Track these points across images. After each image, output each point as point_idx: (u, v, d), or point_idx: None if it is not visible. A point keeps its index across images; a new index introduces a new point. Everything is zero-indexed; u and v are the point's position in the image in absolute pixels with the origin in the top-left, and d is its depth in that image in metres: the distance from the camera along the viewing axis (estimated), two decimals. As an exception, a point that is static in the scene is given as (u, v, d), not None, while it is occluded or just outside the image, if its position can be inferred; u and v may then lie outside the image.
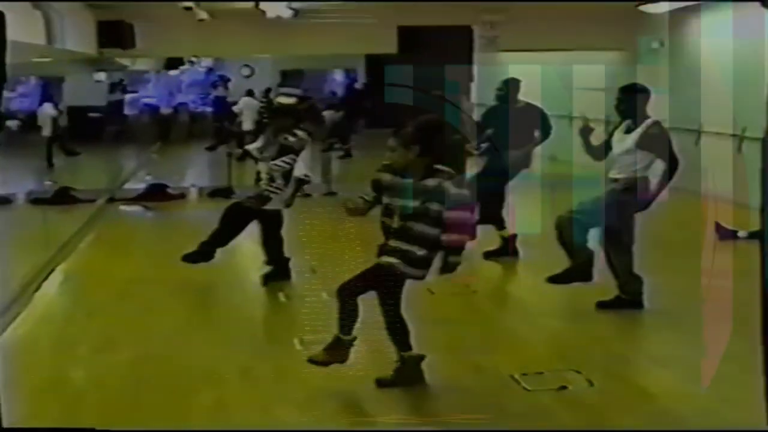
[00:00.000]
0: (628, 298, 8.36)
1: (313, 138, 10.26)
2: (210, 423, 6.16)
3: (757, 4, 3.68)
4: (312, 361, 6.57)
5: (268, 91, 25.44)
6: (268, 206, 9.67)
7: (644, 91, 8.34)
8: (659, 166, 8.23)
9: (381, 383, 6.51)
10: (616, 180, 8.28)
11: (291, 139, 9.60)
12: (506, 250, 10.83)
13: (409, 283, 6.50)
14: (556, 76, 16.88)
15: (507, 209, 10.95)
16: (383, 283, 6.38)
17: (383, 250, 6.37)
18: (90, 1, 15.42)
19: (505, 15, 16.99)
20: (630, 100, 8.24)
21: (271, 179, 9.58)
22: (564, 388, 6.60)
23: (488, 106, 11.66)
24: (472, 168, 10.61)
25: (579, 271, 8.37)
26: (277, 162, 9.53)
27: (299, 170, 9.74)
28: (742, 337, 6.33)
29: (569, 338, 8.02)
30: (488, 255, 10.79)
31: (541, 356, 7.48)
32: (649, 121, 8.21)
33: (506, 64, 20.39)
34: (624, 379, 6.88)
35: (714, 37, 14.75)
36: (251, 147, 10.17)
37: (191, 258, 9.86)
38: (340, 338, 6.50)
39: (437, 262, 6.45)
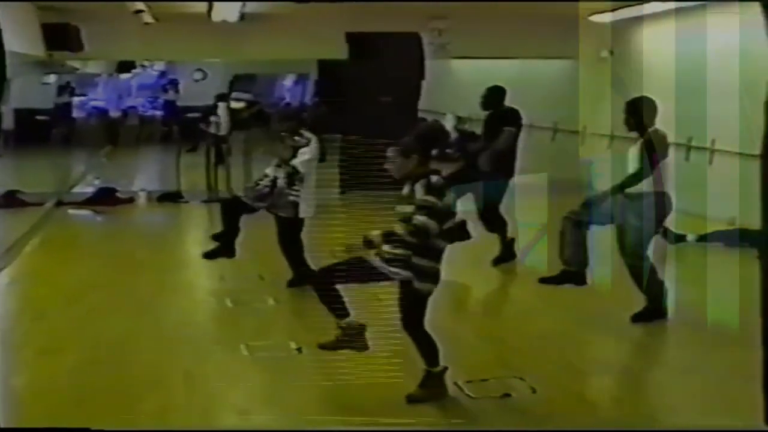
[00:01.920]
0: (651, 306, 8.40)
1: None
2: (153, 427, 6.13)
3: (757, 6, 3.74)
4: (413, 399, 6.45)
5: (221, 96, 25.32)
6: (287, 213, 9.56)
7: (652, 103, 8.37)
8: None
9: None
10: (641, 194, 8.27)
11: (299, 140, 9.54)
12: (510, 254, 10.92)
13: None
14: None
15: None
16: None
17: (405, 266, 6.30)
18: (33, 1, 15.25)
19: (449, 22, 17.04)
20: (637, 114, 8.27)
21: (291, 183, 9.49)
22: (507, 395, 6.66)
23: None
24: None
25: (573, 274, 8.43)
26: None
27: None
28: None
29: (513, 344, 8.06)
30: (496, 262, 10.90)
31: (485, 363, 7.51)
32: (655, 131, 8.25)
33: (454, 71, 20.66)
34: (566, 386, 6.95)
35: (658, 46, 14.93)
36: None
37: (212, 255, 9.78)
38: (431, 372, 6.48)
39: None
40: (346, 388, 6.59)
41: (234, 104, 26.51)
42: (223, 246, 9.64)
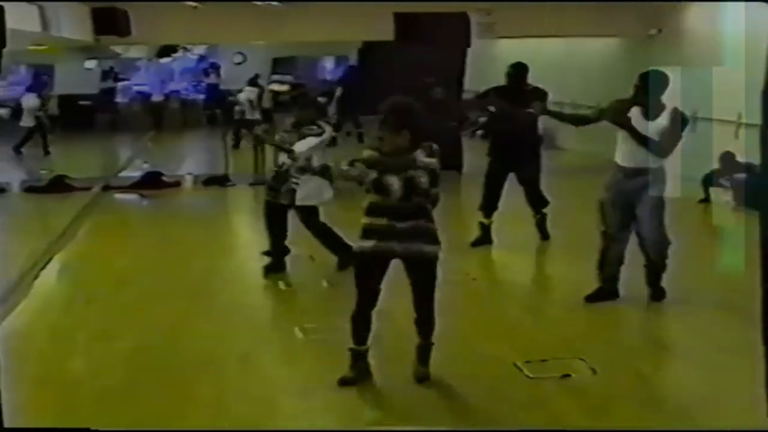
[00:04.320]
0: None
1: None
2: (209, 413, 6.14)
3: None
4: (424, 378, 6.46)
5: (256, 77, 25.36)
6: (286, 200, 9.50)
7: (665, 77, 8.24)
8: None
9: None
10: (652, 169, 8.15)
11: (316, 129, 9.48)
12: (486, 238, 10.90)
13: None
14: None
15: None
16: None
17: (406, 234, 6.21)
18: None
19: (495, 2, 16.94)
20: (653, 85, 8.15)
21: (300, 171, 9.42)
22: (567, 376, 6.60)
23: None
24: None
25: (607, 291, 8.37)
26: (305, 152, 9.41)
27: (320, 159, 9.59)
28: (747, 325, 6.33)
29: (572, 326, 7.98)
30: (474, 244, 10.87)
31: (545, 344, 7.45)
32: (671, 106, 8.13)
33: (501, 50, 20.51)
34: (627, 366, 6.87)
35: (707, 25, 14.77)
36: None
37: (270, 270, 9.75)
38: (432, 344, 6.52)
39: None
40: (399, 369, 6.55)
41: (276, 86, 26.61)
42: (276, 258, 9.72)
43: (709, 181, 13.42)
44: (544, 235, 11.00)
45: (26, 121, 21.60)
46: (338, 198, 9.61)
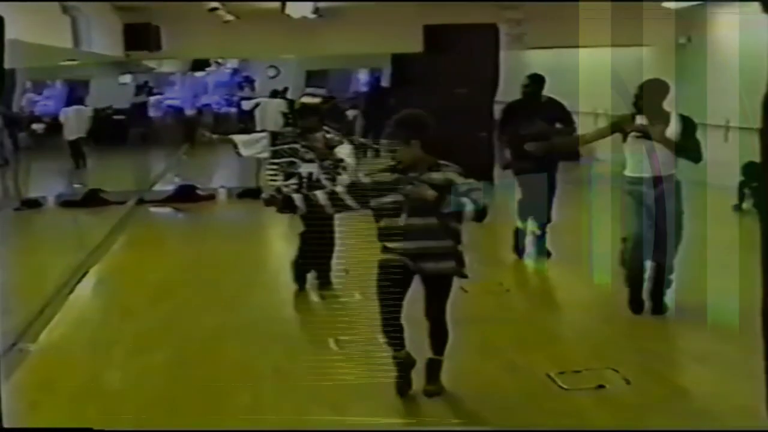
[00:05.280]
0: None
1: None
2: (244, 425, 6.16)
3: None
4: (433, 393, 6.40)
5: (284, 90, 25.44)
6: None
7: (665, 86, 8.24)
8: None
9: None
10: (666, 177, 8.12)
11: (330, 135, 9.47)
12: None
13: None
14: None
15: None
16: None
17: (429, 254, 6.17)
18: (116, 1, 15.46)
19: (524, 12, 16.95)
20: (653, 95, 8.14)
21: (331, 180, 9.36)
22: (601, 387, 6.59)
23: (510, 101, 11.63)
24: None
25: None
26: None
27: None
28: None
29: (606, 337, 7.96)
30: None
31: (578, 355, 7.45)
32: (677, 116, 8.13)
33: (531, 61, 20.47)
34: (661, 377, 6.85)
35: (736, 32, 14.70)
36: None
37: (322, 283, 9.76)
38: (440, 361, 6.44)
39: None
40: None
41: (308, 99, 26.65)
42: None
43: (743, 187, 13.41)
44: (542, 253, 10.75)
45: (73, 135, 21.72)
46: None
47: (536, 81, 10.82)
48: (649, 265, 8.23)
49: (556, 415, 6.16)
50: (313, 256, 9.62)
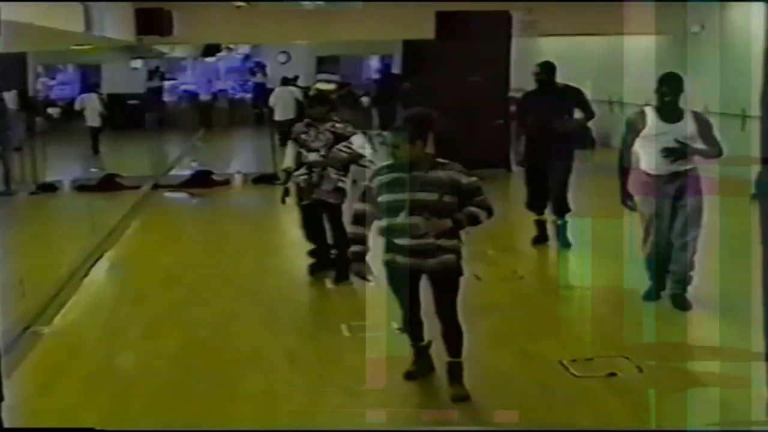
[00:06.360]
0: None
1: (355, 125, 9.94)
2: (256, 409, 6.20)
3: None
4: (461, 398, 6.23)
5: (295, 78, 25.43)
6: (331, 199, 9.39)
7: (681, 81, 8.20)
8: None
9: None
10: (683, 172, 8.10)
11: (339, 126, 9.39)
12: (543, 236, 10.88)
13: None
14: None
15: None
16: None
17: (428, 252, 6.11)
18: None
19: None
20: (676, 88, 8.10)
21: (337, 170, 9.29)
22: (613, 374, 6.60)
23: (525, 90, 11.60)
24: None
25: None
26: (342, 149, 9.30)
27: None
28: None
29: (618, 325, 7.95)
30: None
31: (591, 342, 7.44)
32: (691, 109, 8.11)
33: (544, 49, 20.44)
34: (673, 365, 6.85)
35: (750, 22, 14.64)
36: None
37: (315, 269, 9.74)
38: (460, 363, 6.33)
39: None
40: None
41: (323, 85, 26.70)
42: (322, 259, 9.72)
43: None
44: (564, 243, 10.69)
45: (93, 122, 21.83)
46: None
47: (547, 68, 10.76)
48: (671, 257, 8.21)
49: (568, 402, 6.18)
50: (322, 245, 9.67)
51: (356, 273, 6.50)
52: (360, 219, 6.24)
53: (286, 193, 9.54)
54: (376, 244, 6.33)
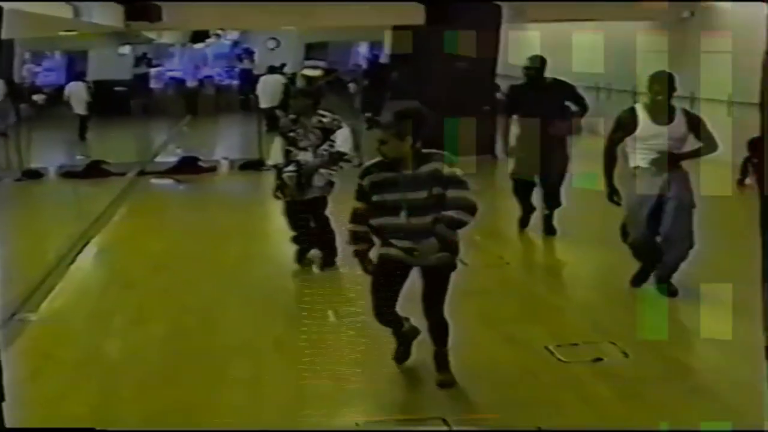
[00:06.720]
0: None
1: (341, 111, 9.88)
2: (244, 396, 6.20)
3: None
4: (447, 384, 6.25)
5: (282, 66, 25.39)
6: (323, 193, 9.39)
7: (672, 79, 8.16)
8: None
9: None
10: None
11: (326, 119, 9.25)
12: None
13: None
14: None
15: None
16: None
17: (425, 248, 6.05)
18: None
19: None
20: (667, 87, 8.06)
21: (327, 162, 9.23)
22: (599, 359, 6.62)
23: (515, 83, 11.52)
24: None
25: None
26: (327, 149, 9.22)
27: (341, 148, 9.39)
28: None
29: (604, 310, 7.98)
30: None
31: (576, 328, 7.47)
32: (680, 108, 8.09)
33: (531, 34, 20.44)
34: (659, 351, 6.86)
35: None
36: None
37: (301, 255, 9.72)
38: (446, 351, 6.32)
39: None
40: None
41: (309, 72, 26.67)
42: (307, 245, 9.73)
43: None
44: (549, 230, 10.68)
45: (79, 110, 21.83)
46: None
47: (537, 62, 10.67)
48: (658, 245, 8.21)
49: (554, 387, 6.20)
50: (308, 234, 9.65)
51: (364, 270, 6.40)
52: (360, 218, 6.21)
53: (278, 188, 9.52)
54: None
